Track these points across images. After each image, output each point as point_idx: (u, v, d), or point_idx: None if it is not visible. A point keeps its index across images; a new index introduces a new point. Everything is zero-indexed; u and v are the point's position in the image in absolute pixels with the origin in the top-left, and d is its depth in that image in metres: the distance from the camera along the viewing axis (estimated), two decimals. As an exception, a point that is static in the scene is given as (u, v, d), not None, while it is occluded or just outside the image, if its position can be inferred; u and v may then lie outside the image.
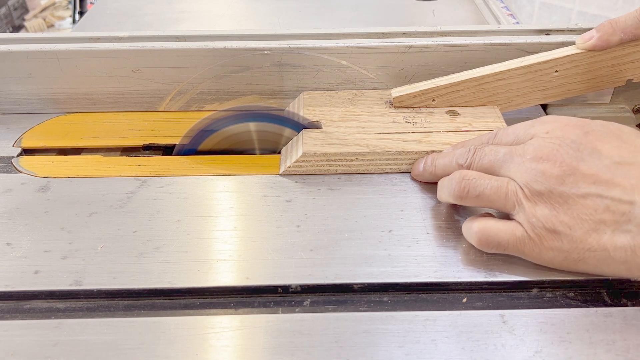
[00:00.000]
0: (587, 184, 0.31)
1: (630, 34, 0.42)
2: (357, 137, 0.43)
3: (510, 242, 0.33)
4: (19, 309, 0.33)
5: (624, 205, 0.30)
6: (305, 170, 0.42)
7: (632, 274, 0.31)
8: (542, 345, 0.30)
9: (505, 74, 0.45)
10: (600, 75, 0.45)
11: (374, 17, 0.71)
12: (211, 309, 0.33)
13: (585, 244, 0.31)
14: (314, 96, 0.48)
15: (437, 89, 0.45)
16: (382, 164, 0.42)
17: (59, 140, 0.47)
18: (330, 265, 0.35)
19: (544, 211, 0.32)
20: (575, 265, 0.32)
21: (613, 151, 0.32)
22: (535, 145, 0.33)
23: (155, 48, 0.47)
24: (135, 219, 0.38)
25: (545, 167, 0.32)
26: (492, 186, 0.34)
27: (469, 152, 0.37)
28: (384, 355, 0.29)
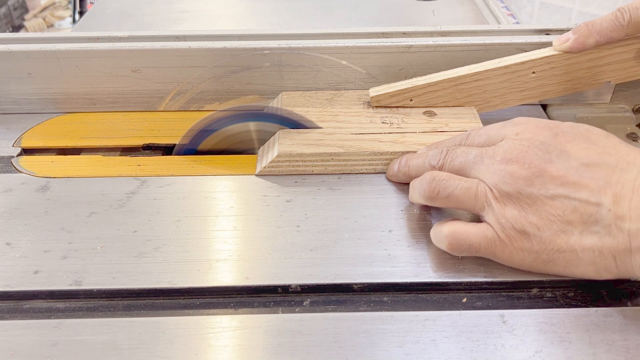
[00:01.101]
0: (555, 186, 0.31)
1: (606, 37, 0.42)
2: (334, 138, 0.43)
3: (481, 244, 0.33)
4: (19, 309, 0.33)
5: (591, 207, 0.30)
6: (281, 170, 0.42)
7: (600, 275, 0.31)
8: (542, 345, 0.30)
9: (482, 74, 0.45)
10: (577, 77, 0.45)
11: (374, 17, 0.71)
12: (211, 309, 0.33)
13: (554, 245, 0.31)
14: (292, 96, 0.48)
15: (414, 88, 0.45)
16: (358, 165, 0.42)
17: (58, 140, 0.47)
18: (330, 265, 0.35)
19: (512, 212, 0.32)
20: (545, 266, 0.32)
21: (581, 153, 0.32)
22: (505, 147, 0.33)
23: (155, 48, 0.47)
24: (135, 219, 0.38)
25: (514, 169, 0.32)
26: (461, 187, 0.34)
27: (441, 153, 0.37)
28: (383, 355, 0.29)
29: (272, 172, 0.42)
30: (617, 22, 0.41)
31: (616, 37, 0.42)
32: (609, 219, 0.30)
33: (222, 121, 0.44)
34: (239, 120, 0.44)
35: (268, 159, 0.42)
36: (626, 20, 0.41)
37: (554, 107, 0.51)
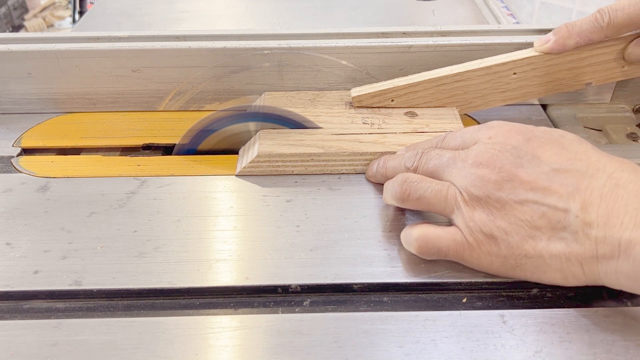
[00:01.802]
0: (525, 190, 0.31)
1: (586, 38, 0.42)
2: (314, 138, 0.43)
3: (450, 247, 0.33)
4: (19, 309, 0.33)
5: (560, 213, 0.30)
6: (261, 170, 0.42)
7: (567, 282, 0.31)
8: (542, 345, 0.30)
9: (463, 75, 0.45)
10: (558, 78, 0.45)
11: (374, 17, 0.71)
12: (211, 309, 0.33)
13: (521, 250, 0.31)
14: (275, 96, 0.48)
15: (395, 89, 0.45)
16: (338, 165, 0.42)
17: (58, 140, 0.47)
18: (330, 265, 0.35)
19: (481, 216, 0.32)
20: (513, 271, 0.32)
21: (552, 158, 0.32)
22: (477, 150, 0.33)
23: (155, 48, 0.47)
24: (135, 219, 0.38)
25: (484, 173, 0.32)
26: (432, 189, 0.34)
27: (416, 155, 0.37)
28: (383, 355, 0.29)
29: (252, 172, 0.42)
30: (597, 24, 0.41)
31: (596, 38, 0.42)
32: (577, 225, 0.30)
33: (222, 121, 0.44)
34: (239, 120, 0.44)
35: (248, 159, 0.42)
36: (605, 22, 0.41)
37: (554, 107, 0.51)
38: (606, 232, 0.29)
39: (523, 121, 0.49)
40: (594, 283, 0.31)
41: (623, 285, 0.29)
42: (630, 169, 0.31)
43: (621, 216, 0.29)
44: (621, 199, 0.29)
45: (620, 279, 0.29)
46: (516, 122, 0.43)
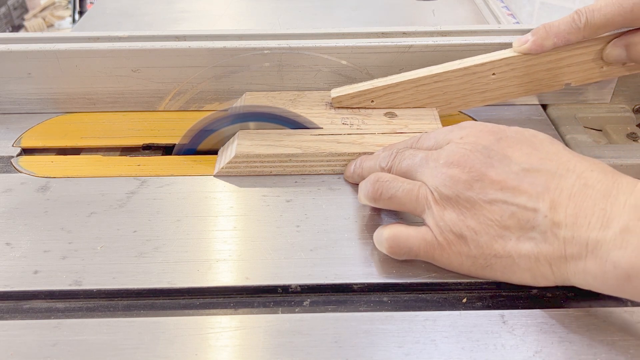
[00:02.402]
0: (495, 190, 0.31)
1: (564, 39, 0.42)
2: (293, 139, 0.43)
3: (421, 247, 0.33)
4: (19, 309, 0.33)
5: (529, 213, 0.30)
6: (239, 171, 0.42)
7: (537, 282, 0.31)
8: (542, 345, 0.30)
9: (442, 75, 0.45)
10: (537, 78, 0.45)
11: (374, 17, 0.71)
12: (211, 309, 0.33)
13: (491, 249, 0.31)
14: (255, 97, 0.48)
15: (375, 89, 0.45)
16: (316, 165, 0.42)
17: (58, 140, 0.47)
18: (330, 265, 0.35)
19: (451, 215, 0.32)
20: (483, 271, 0.32)
21: (523, 158, 0.32)
22: (448, 150, 0.34)
23: (154, 48, 0.47)
24: (135, 219, 0.38)
25: (455, 172, 0.32)
26: (404, 189, 0.34)
27: (390, 155, 0.37)
28: (383, 355, 0.29)
29: (230, 172, 0.42)
30: (574, 25, 0.41)
31: (573, 39, 0.42)
32: (545, 225, 0.30)
33: (222, 121, 0.44)
34: (239, 120, 0.44)
35: (226, 159, 0.42)
36: (582, 23, 0.41)
37: (554, 107, 0.51)
38: (574, 232, 0.29)
39: (523, 121, 0.49)
40: (563, 283, 0.31)
41: (591, 285, 0.29)
42: (600, 169, 0.31)
43: (589, 216, 0.29)
44: (589, 198, 0.29)
45: (588, 279, 0.29)
46: (516, 122, 0.43)
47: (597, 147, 0.45)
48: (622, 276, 0.27)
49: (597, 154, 0.44)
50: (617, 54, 0.43)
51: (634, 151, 0.44)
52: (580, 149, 0.44)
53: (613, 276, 0.28)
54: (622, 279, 0.28)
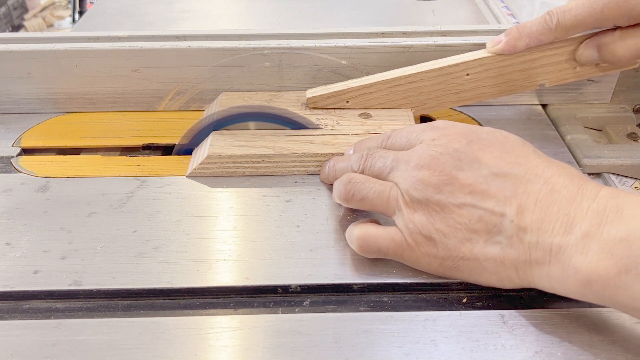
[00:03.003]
0: (464, 194, 0.31)
1: (536, 39, 0.42)
2: (266, 139, 0.43)
3: (390, 247, 0.33)
4: (18, 309, 0.33)
5: (496, 217, 0.31)
6: (212, 172, 0.42)
7: (503, 285, 0.32)
8: (542, 345, 0.30)
9: (416, 76, 0.45)
10: (512, 79, 0.45)
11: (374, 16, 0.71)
12: (210, 309, 0.33)
13: (458, 252, 0.31)
14: (231, 97, 0.48)
15: (349, 90, 0.45)
16: (289, 166, 0.42)
17: (58, 140, 0.47)
18: (330, 265, 0.35)
19: (421, 218, 0.32)
20: (450, 272, 0.33)
21: (493, 161, 0.32)
22: (419, 152, 0.34)
23: (154, 48, 0.47)
24: (135, 219, 0.38)
25: (425, 175, 0.32)
26: (375, 190, 0.34)
27: (361, 158, 0.37)
28: (383, 355, 0.29)
29: (203, 173, 0.42)
30: (546, 25, 0.41)
31: (545, 40, 0.42)
32: (512, 230, 0.30)
33: (221, 121, 0.44)
34: (239, 120, 0.44)
35: (198, 160, 0.42)
36: (554, 24, 0.41)
37: (554, 106, 0.51)
38: (539, 237, 0.29)
39: (523, 121, 0.49)
40: (528, 286, 0.31)
41: (555, 289, 0.30)
42: (567, 174, 0.31)
43: (553, 222, 0.29)
44: (555, 204, 0.29)
45: (552, 283, 0.29)
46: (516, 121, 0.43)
47: (597, 147, 0.45)
48: (583, 281, 0.28)
49: (597, 154, 0.44)
50: (589, 54, 0.43)
51: (634, 151, 0.44)
52: (580, 149, 0.44)
53: (574, 281, 0.28)
54: (583, 284, 0.28)
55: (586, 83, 0.50)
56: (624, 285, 0.26)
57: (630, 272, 0.26)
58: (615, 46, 0.41)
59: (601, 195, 0.29)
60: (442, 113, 0.50)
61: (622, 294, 0.27)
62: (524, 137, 0.46)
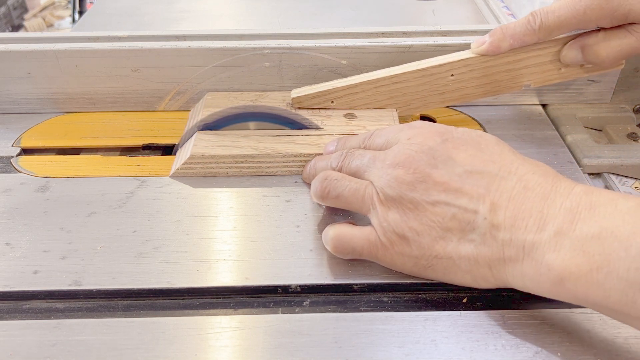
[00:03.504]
0: (438, 192, 0.31)
1: (520, 41, 0.42)
2: (250, 140, 0.43)
3: (364, 247, 0.33)
4: (18, 309, 0.33)
5: (469, 214, 0.30)
6: (195, 172, 0.42)
7: (478, 284, 0.32)
8: (542, 345, 0.30)
9: (400, 77, 0.44)
10: (496, 79, 0.45)
11: (374, 16, 0.71)
12: (210, 309, 0.33)
13: (432, 251, 0.31)
14: (216, 97, 0.48)
15: (334, 90, 0.45)
16: (272, 166, 0.42)
17: (58, 140, 0.47)
18: (330, 265, 0.35)
19: (395, 216, 0.32)
20: (425, 272, 0.32)
21: (467, 160, 0.32)
22: (395, 151, 0.34)
23: (154, 48, 0.47)
24: (135, 219, 0.38)
25: (399, 173, 0.32)
26: (350, 188, 0.34)
27: (340, 156, 0.37)
28: (383, 355, 0.29)
29: (186, 174, 0.42)
30: (529, 26, 0.41)
31: (529, 40, 0.42)
32: (485, 227, 0.30)
33: (221, 121, 0.44)
34: (239, 120, 0.44)
35: (182, 160, 0.42)
36: (537, 25, 0.41)
37: (554, 106, 0.51)
38: (512, 234, 0.29)
39: (523, 121, 0.49)
40: (503, 285, 0.31)
41: (529, 287, 0.30)
42: (542, 172, 0.31)
43: (526, 219, 0.29)
44: (528, 201, 0.29)
45: (525, 281, 0.29)
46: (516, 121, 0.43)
47: (597, 147, 0.45)
48: (556, 279, 0.28)
49: (597, 154, 0.44)
50: (573, 55, 0.43)
51: (634, 151, 0.44)
52: (580, 149, 0.44)
53: (547, 279, 0.28)
54: (555, 281, 0.28)
55: (586, 83, 0.50)
56: (597, 283, 0.26)
57: (602, 269, 0.26)
58: (598, 47, 0.41)
59: (574, 192, 0.29)
60: (442, 113, 0.50)
61: (595, 292, 0.27)
62: (524, 137, 0.47)
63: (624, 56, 0.42)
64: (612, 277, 0.26)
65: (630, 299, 0.26)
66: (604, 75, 0.49)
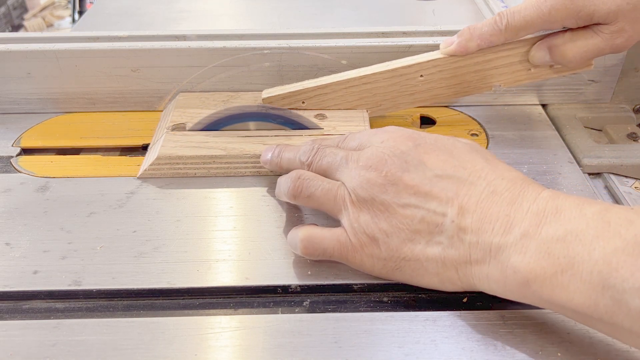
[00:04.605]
0: (408, 195, 0.32)
1: (487, 41, 0.42)
2: (218, 140, 0.43)
3: (335, 248, 0.33)
4: (18, 309, 0.33)
5: (438, 217, 0.31)
6: (163, 173, 0.42)
7: (445, 286, 0.32)
8: (542, 346, 0.30)
9: (370, 77, 0.44)
10: (466, 80, 0.45)
11: (374, 16, 0.71)
12: (210, 309, 0.33)
13: (400, 252, 0.32)
14: (188, 97, 0.48)
15: (305, 91, 0.45)
16: (241, 167, 0.42)
17: (58, 140, 0.47)
18: (330, 265, 0.34)
19: (365, 218, 0.32)
20: (393, 274, 0.33)
21: (438, 164, 0.32)
22: (368, 153, 0.34)
23: (154, 47, 0.47)
24: (135, 219, 0.38)
25: (372, 175, 0.32)
26: (323, 188, 0.34)
27: (312, 150, 0.37)
28: (383, 355, 0.29)
29: (154, 174, 0.42)
30: (496, 27, 0.41)
31: (496, 41, 0.42)
32: (452, 230, 0.30)
33: (221, 121, 0.44)
34: (239, 120, 0.44)
35: (149, 161, 0.42)
36: (504, 25, 0.41)
37: (554, 106, 0.51)
38: (479, 237, 0.29)
39: (523, 121, 0.49)
40: (469, 289, 0.31)
41: (494, 290, 0.30)
42: (511, 177, 0.31)
43: (493, 222, 0.29)
44: (495, 205, 0.30)
45: (491, 284, 0.30)
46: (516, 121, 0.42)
47: (597, 147, 0.45)
48: (521, 281, 0.28)
49: (597, 154, 0.44)
50: (540, 56, 0.43)
51: (634, 151, 0.44)
52: (580, 149, 0.44)
53: (513, 281, 0.28)
54: (521, 284, 0.28)
55: (586, 83, 0.50)
56: (561, 285, 0.27)
57: (567, 272, 0.27)
58: (565, 48, 0.42)
59: (541, 197, 0.29)
60: (442, 113, 0.50)
61: (559, 294, 0.27)
62: (524, 137, 0.47)
63: (591, 56, 0.42)
64: (575, 279, 0.26)
65: (593, 302, 0.26)
66: (603, 75, 0.49)
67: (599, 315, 0.26)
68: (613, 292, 0.25)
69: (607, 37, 0.40)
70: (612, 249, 0.26)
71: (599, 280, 0.26)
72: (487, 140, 0.47)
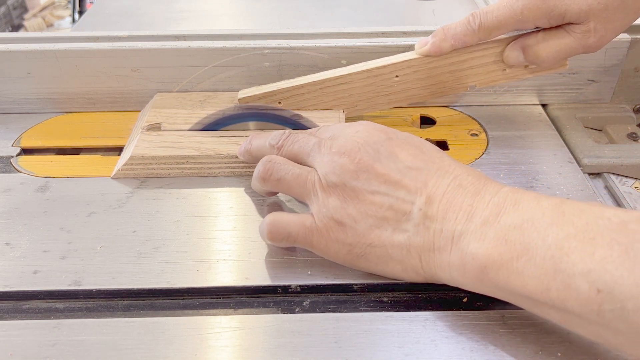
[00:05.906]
0: (379, 183, 0.32)
1: (461, 41, 0.42)
2: (193, 140, 0.43)
3: (300, 232, 0.33)
4: (18, 309, 0.33)
5: (406, 205, 0.32)
6: (136, 173, 0.42)
7: (408, 275, 0.32)
8: (542, 345, 0.30)
9: (346, 78, 0.44)
10: (441, 80, 0.45)
11: (374, 16, 0.71)
12: (210, 309, 0.33)
13: (367, 238, 0.32)
14: (165, 97, 0.48)
15: (281, 91, 0.45)
16: (215, 167, 0.42)
17: (58, 140, 0.47)
18: (330, 265, 0.34)
19: (335, 202, 0.33)
20: (358, 260, 0.33)
21: (408, 157, 0.33)
22: (342, 141, 0.34)
23: (154, 47, 0.47)
24: (135, 219, 0.38)
25: (344, 161, 0.33)
26: (293, 173, 0.35)
27: (282, 134, 0.37)
28: (383, 355, 0.29)
29: (128, 174, 0.42)
30: (469, 27, 0.42)
31: (469, 41, 0.42)
32: (419, 218, 0.31)
33: (221, 121, 0.44)
34: (239, 120, 0.44)
35: (123, 161, 0.42)
36: (477, 25, 0.41)
37: (554, 106, 0.51)
38: (443, 225, 0.30)
39: (523, 121, 0.49)
40: (431, 279, 0.32)
41: (455, 279, 0.31)
42: (476, 175, 0.32)
43: (457, 211, 0.30)
44: (460, 196, 0.31)
45: (452, 272, 0.30)
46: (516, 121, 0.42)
47: (597, 147, 0.45)
48: (479, 267, 0.29)
49: (597, 154, 0.44)
50: (514, 56, 0.43)
51: (634, 151, 0.44)
52: (580, 149, 0.44)
53: (472, 268, 0.29)
54: (479, 270, 0.29)
55: (586, 83, 0.50)
56: (516, 271, 0.27)
57: (522, 257, 0.27)
58: (538, 48, 0.42)
59: (502, 191, 0.31)
60: (442, 112, 0.50)
61: (514, 280, 0.28)
62: (524, 137, 0.47)
63: (564, 56, 0.42)
64: (530, 264, 0.27)
65: (545, 287, 0.27)
66: (603, 75, 0.49)
67: (552, 301, 0.27)
68: (564, 276, 0.26)
69: (579, 37, 0.40)
70: (565, 235, 0.27)
71: (551, 265, 0.26)
72: (487, 140, 0.47)
